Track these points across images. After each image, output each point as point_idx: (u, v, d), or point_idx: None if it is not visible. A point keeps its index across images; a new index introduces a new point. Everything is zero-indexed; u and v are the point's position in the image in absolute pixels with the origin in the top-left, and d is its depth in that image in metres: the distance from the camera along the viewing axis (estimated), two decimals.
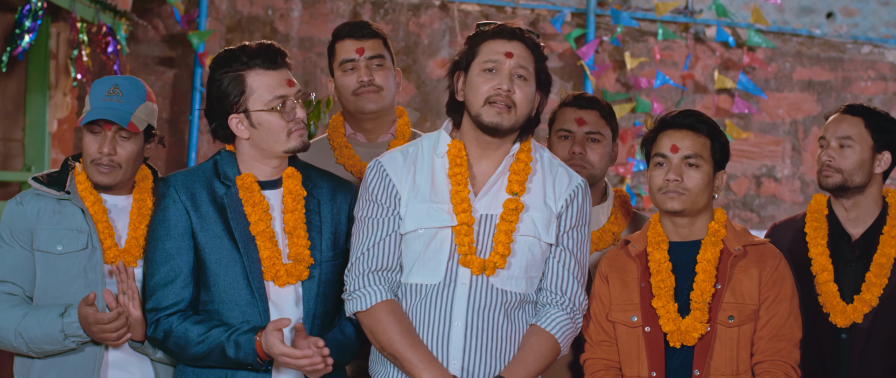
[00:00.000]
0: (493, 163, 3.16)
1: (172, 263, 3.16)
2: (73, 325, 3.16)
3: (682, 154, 3.20)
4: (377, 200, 3.16)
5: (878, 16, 7.17)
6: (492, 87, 3.07)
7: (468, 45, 3.14)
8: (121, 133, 3.24)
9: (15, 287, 3.25)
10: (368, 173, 3.19)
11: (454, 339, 3.09)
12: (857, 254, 3.61)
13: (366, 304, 3.11)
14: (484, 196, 3.14)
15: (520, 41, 3.12)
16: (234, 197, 3.19)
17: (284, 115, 3.15)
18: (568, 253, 3.16)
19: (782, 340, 3.15)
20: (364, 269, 3.13)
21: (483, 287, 3.10)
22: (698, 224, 3.25)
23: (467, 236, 3.08)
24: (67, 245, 3.25)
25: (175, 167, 6.60)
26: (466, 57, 3.14)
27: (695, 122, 3.23)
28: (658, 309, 3.17)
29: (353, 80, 3.71)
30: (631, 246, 3.28)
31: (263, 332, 3.05)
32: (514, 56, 3.09)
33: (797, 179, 7.10)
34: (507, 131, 3.11)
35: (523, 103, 3.10)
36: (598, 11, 6.89)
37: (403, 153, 3.21)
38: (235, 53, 3.17)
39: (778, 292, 3.18)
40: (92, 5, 5.47)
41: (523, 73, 3.10)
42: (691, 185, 3.19)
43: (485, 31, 3.14)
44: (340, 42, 3.75)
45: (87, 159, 3.25)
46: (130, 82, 3.30)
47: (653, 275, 3.20)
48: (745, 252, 3.21)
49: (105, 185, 3.26)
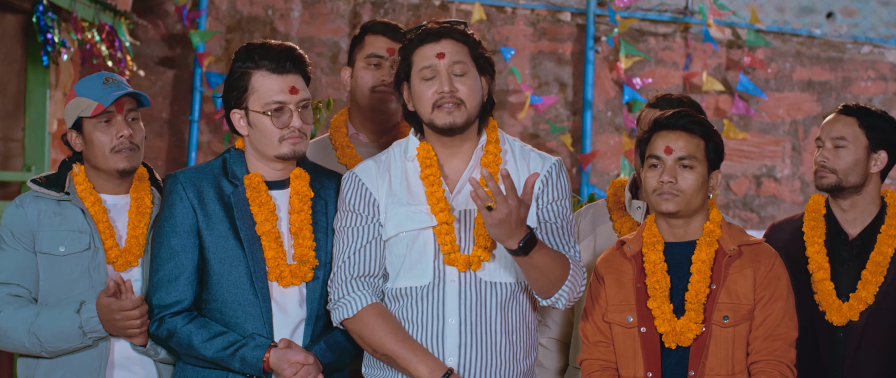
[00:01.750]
0: (463, 159, 3.17)
1: (177, 260, 3.17)
2: (93, 321, 3.16)
3: (675, 155, 3.20)
4: (355, 210, 3.16)
5: (878, 16, 7.17)
6: (434, 91, 3.08)
7: (401, 56, 3.15)
8: (130, 116, 3.28)
9: (21, 289, 3.26)
10: (344, 185, 3.20)
11: (449, 336, 3.09)
12: (853, 253, 3.61)
13: (352, 311, 3.11)
14: (459, 193, 3.15)
15: (447, 38, 3.12)
16: (241, 196, 3.20)
17: (277, 121, 3.15)
18: (551, 224, 3.16)
19: (778, 340, 3.15)
20: (347, 276, 3.13)
21: (472, 282, 3.11)
22: (693, 224, 3.25)
23: (449, 235, 3.09)
24: (70, 246, 3.25)
25: (175, 167, 6.60)
26: (403, 68, 3.15)
27: (688, 122, 3.23)
28: (653, 310, 3.17)
29: (375, 77, 3.70)
30: (626, 247, 3.29)
31: (276, 356, 3.10)
32: (446, 55, 3.09)
33: (797, 179, 7.10)
34: (463, 127, 3.11)
35: (470, 96, 3.10)
36: (598, 11, 6.89)
37: (376, 162, 3.22)
38: (251, 50, 3.19)
39: (773, 292, 3.18)
40: (92, 5, 5.47)
41: (460, 68, 3.10)
42: (685, 187, 3.19)
43: (411, 39, 3.15)
44: (373, 36, 3.74)
45: (105, 150, 3.26)
46: (114, 74, 3.38)
47: (648, 275, 3.21)
48: (740, 252, 3.21)
49: (129, 170, 3.29)
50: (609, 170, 6.94)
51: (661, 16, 6.95)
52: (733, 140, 6.91)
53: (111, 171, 3.28)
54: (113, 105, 3.25)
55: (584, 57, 6.88)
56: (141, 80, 6.42)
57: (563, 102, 6.91)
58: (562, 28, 6.92)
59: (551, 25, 6.89)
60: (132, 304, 3.12)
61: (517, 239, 2.93)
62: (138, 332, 3.17)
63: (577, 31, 6.93)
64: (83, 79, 3.34)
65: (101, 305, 3.15)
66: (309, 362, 3.10)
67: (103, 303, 3.14)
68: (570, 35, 6.93)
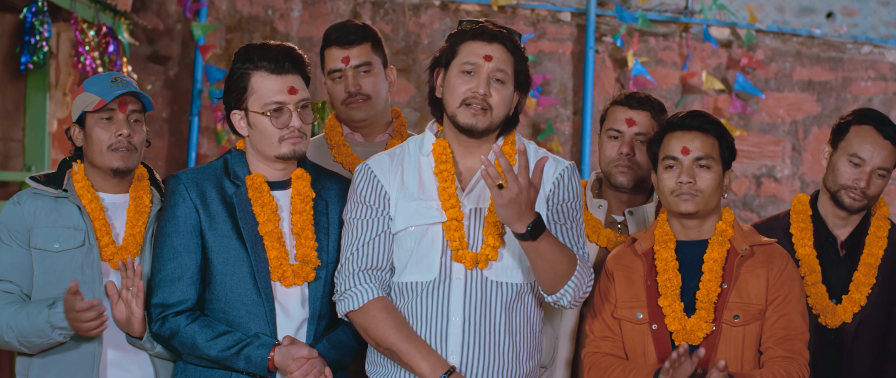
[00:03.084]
0: (477, 159, 3.17)
1: (180, 260, 3.17)
2: (59, 315, 3.16)
3: (693, 156, 3.20)
4: (366, 202, 3.16)
5: (878, 16, 7.17)
6: (469, 89, 3.08)
7: (448, 43, 3.15)
8: (133, 116, 3.29)
9: (12, 286, 3.27)
10: (357, 176, 3.20)
11: (452, 334, 3.09)
12: (843, 254, 3.61)
13: (358, 303, 3.11)
14: (472, 191, 3.15)
15: (500, 43, 3.11)
16: (243, 196, 3.20)
17: (276, 121, 3.15)
18: (560, 224, 3.16)
19: (795, 341, 3.15)
20: (354, 268, 3.13)
21: (479, 281, 3.11)
22: (707, 224, 3.25)
23: (458, 231, 3.09)
24: (64, 242, 3.26)
25: (175, 167, 6.61)
26: (446, 55, 3.14)
27: (703, 122, 3.23)
28: (664, 308, 3.17)
29: (340, 90, 3.72)
30: (637, 244, 3.29)
31: (280, 354, 3.10)
32: (493, 59, 3.09)
33: (797, 179, 7.10)
34: (483, 132, 3.11)
35: (499, 106, 3.10)
36: (599, 11, 6.89)
37: (390, 155, 3.22)
38: (250, 51, 3.20)
39: (787, 293, 3.18)
40: (92, 5, 5.47)
41: (501, 76, 3.10)
42: (704, 187, 3.20)
43: (465, 30, 3.14)
44: (328, 50, 3.76)
45: (102, 147, 3.28)
46: (125, 75, 3.37)
47: (660, 273, 3.21)
48: (752, 252, 3.21)
49: (124, 170, 3.29)
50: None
51: (661, 15, 6.95)
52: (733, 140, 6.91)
53: (106, 169, 3.29)
54: (116, 103, 3.27)
55: (584, 57, 6.88)
56: (141, 79, 6.42)
57: (563, 102, 6.91)
58: (562, 28, 6.92)
59: (551, 25, 6.88)
60: (86, 304, 3.10)
61: (526, 222, 2.92)
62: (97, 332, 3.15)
63: (577, 31, 6.94)
64: (93, 76, 3.36)
65: (65, 304, 3.14)
66: (313, 356, 3.11)
67: (66, 302, 3.14)
68: (570, 35, 6.93)
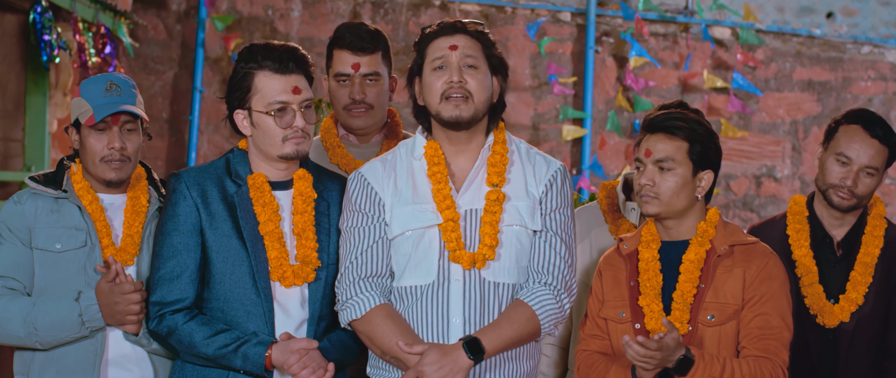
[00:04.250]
0: (469, 158, 3.18)
1: (179, 258, 3.18)
2: (92, 308, 3.17)
3: (653, 158, 3.19)
4: (361, 210, 3.17)
5: (878, 16, 7.18)
6: (444, 81, 3.10)
7: (416, 51, 3.18)
8: (126, 126, 3.27)
9: (16, 283, 3.27)
10: (350, 185, 3.21)
11: (453, 335, 3.09)
12: (839, 254, 3.62)
13: (360, 312, 3.11)
14: (466, 192, 3.16)
15: (461, 33, 3.16)
16: (244, 196, 3.21)
17: (280, 121, 3.16)
18: (552, 233, 3.17)
19: (770, 340, 3.12)
20: (354, 276, 3.14)
21: (477, 282, 3.11)
22: (686, 225, 3.24)
23: (454, 232, 3.10)
24: (66, 243, 3.26)
25: (175, 167, 6.61)
26: (417, 62, 3.18)
27: (671, 124, 3.20)
28: (644, 307, 3.18)
29: (345, 95, 3.70)
30: (623, 245, 3.30)
31: (278, 350, 3.10)
32: (458, 47, 3.12)
33: (797, 179, 7.10)
34: (469, 122, 3.13)
35: (479, 90, 3.12)
36: (599, 11, 6.89)
37: (382, 161, 3.23)
38: (254, 50, 3.20)
39: (765, 293, 3.15)
40: (92, 5, 5.48)
41: (472, 61, 3.12)
42: (663, 190, 3.18)
43: (427, 33, 3.19)
44: (338, 51, 3.71)
45: (95, 158, 3.27)
46: (121, 78, 3.35)
47: (641, 273, 3.22)
48: (731, 251, 3.20)
49: (117, 182, 3.29)
50: (609, 170, 6.94)
51: (661, 15, 6.95)
52: (733, 140, 6.91)
53: (100, 179, 3.30)
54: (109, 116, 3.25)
55: (584, 57, 6.88)
56: (141, 79, 6.43)
57: (562, 102, 6.91)
58: (562, 28, 6.92)
59: (551, 25, 6.89)
60: (133, 286, 3.14)
61: None
62: (137, 319, 3.18)
63: (577, 31, 6.94)
64: (91, 77, 3.34)
65: (101, 291, 3.16)
66: (312, 348, 3.10)
67: (104, 288, 3.16)
68: (570, 35, 6.94)
